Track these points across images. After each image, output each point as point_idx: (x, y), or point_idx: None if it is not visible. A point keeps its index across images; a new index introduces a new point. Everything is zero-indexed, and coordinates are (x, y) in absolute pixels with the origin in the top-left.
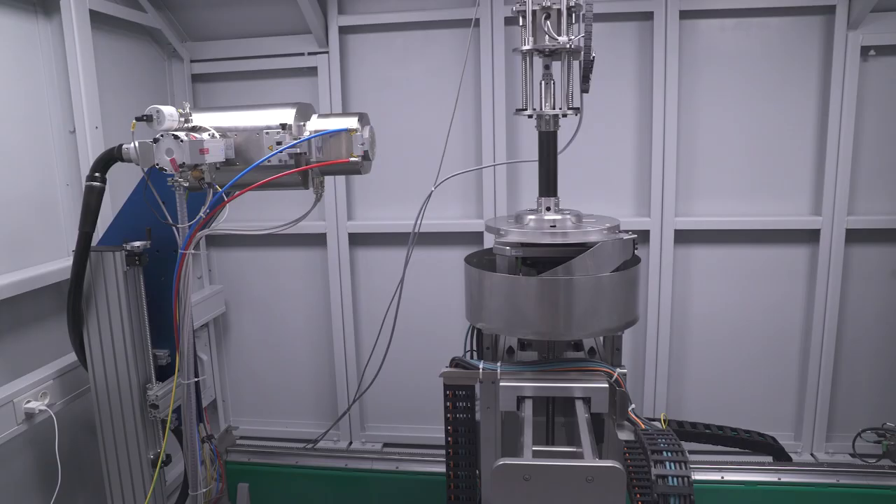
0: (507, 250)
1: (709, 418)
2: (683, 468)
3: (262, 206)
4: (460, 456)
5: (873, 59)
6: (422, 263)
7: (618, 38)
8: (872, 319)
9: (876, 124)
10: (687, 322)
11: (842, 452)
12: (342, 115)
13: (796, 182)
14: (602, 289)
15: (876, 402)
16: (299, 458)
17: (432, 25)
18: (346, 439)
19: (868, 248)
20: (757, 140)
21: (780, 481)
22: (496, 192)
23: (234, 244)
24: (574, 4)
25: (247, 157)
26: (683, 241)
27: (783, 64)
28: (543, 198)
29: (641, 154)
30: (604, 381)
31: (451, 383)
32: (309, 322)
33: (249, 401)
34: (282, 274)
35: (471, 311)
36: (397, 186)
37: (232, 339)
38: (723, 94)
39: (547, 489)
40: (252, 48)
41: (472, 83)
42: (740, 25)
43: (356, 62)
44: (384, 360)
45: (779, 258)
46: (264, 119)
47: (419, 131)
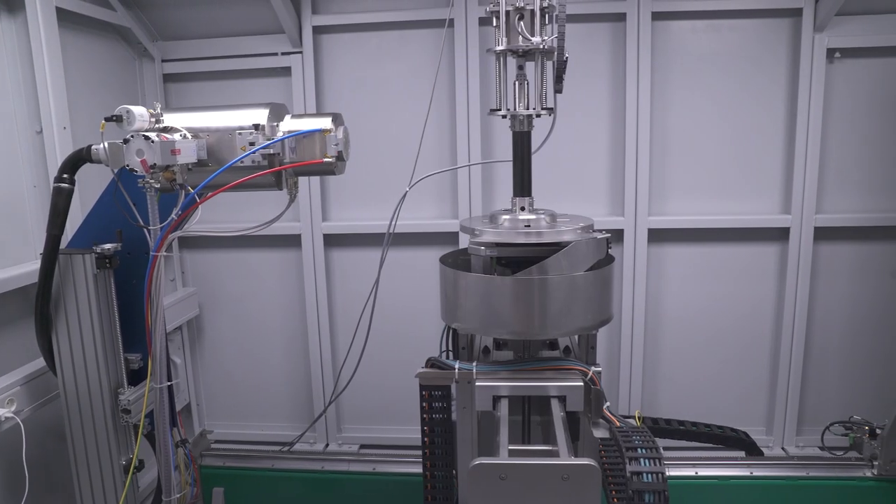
0: (482, 250)
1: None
2: (658, 464)
3: (235, 207)
4: (437, 456)
5: (839, 62)
6: (397, 264)
7: (591, 39)
8: (840, 315)
9: (842, 125)
10: (660, 320)
11: (811, 446)
12: (316, 115)
13: (766, 181)
14: (576, 288)
15: (843, 396)
16: (275, 461)
17: (407, 26)
18: (322, 441)
19: (836, 246)
20: (728, 140)
21: (752, 475)
22: (471, 193)
23: (207, 246)
24: (547, 5)
25: (219, 157)
26: (657, 239)
27: (753, 65)
28: (518, 198)
29: (615, 154)
30: (579, 380)
31: (427, 384)
32: (284, 324)
33: (224, 404)
34: (256, 276)
35: (446, 312)
36: (372, 187)
37: (206, 341)
38: (695, 94)
39: (523, 488)
40: (224, 48)
41: (446, 83)
42: (711, 27)
43: (330, 62)
44: (360, 361)
45: (750, 256)
46: (237, 119)
47: (394, 131)
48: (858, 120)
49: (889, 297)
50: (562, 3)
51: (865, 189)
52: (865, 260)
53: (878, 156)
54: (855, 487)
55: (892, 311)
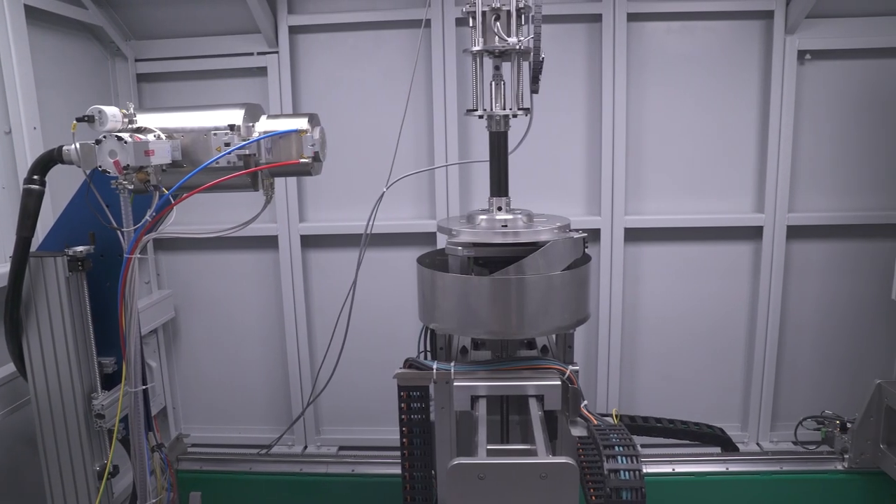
0: (459, 250)
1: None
2: (635, 462)
3: (211, 208)
4: (416, 457)
5: (809, 63)
6: (375, 265)
7: (567, 40)
8: (812, 312)
9: (813, 125)
10: (637, 318)
11: (785, 441)
12: (292, 115)
13: (740, 181)
14: (553, 287)
15: (816, 391)
16: (253, 464)
17: (383, 26)
18: (300, 444)
19: (808, 244)
20: (702, 140)
21: (728, 471)
22: (448, 193)
23: (182, 248)
24: (523, 6)
25: (194, 158)
26: (633, 239)
27: (727, 66)
28: (495, 198)
29: (592, 154)
30: (556, 379)
31: (405, 384)
32: (261, 326)
33: (201, 407)
34: (233, 277)
35: (424, 312)
36: (349, 188)
37: (182, 344)
38: (670, 95)
39: (502, 487)
40: (199, 47)
41: (423, 84)
42: (685, 28)
43: (307, 62)
44: (338, 362)
45: (724, 254)
46: (212, 120)
47: (371, 132)
48: (829, 120)
49: (859, 294)
50: (537, 4)
51: (836, 188)
52: (836, 258)
53: (847, 156)
54: (827, 480)
55: (861, 307)
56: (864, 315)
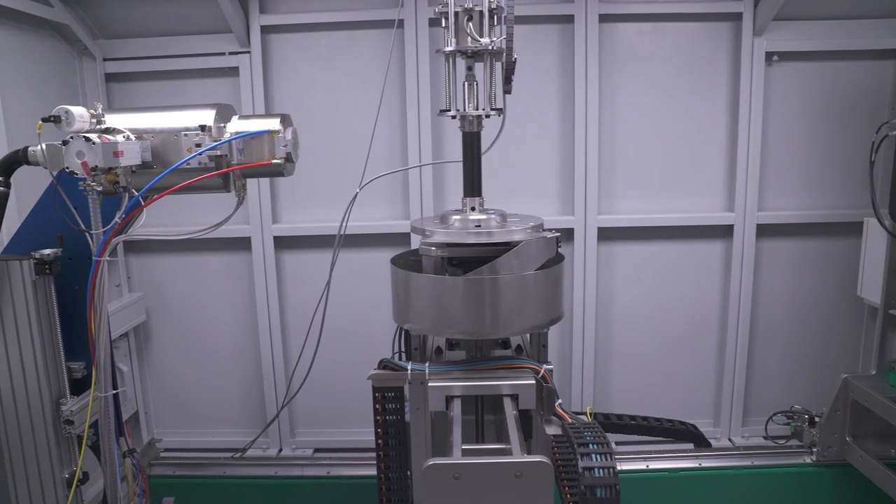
0: (433, 251)
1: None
2: (608, 459)
3: (182, 209)
4: (391, 458)
5: (777, 64)
6: (349, 266)
7: (540, 41)
8: (781, 309)
9: (781, 125)
10: (611, 317)
11: (756, 436)
12: (264, 116)
13: (711, 180)
14: (527, 287)
15: (785, 386)
16: (227, 468)
17: (356, 26)
18: (275, 446)
19: (777, 242)
20: (674, 140)
21: (700, 466)
22: (422, 193)
23: (153, 250)
24: (495, 7)
25: (164, 159)
26: (606, 238)
27: (697, 67)
28: (468, 198)
29: (565, 154)
30: (530, 378)
31: (380, 385)
32: (234, 328)
33: (174, 411)
34: (205, 279)
35: (398, 313)
36: (323, 188)
37: (154, 348)
38: (641, 95)
39: (477, 487)
40: (170, 47)
41: (397, 84)
42: (656, 29)
43: (279, 62)
44: (312, 364)
45: (696, 253)
46: (182, 120)
47: (344, 132)
48: (796, 121)
49: (825, 290)
50: (510, 5)
51: (803, 188)
52: (804, 255)
53: (814, 156)
54: (796, 474)
55: (828, 303)
56: (831, 311)
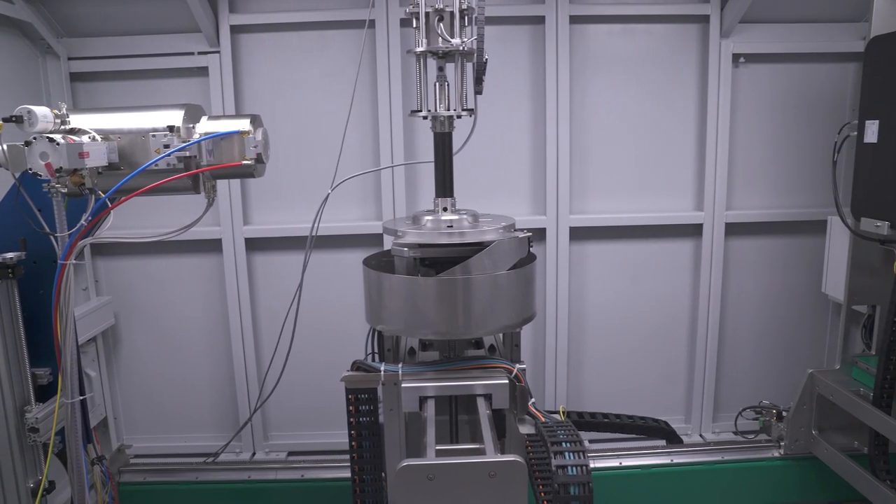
0: (405, 251)
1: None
2: (581, 457)
3: (151, 211)
4: (365, 460)
5: (743, 66)
6: (321, 267)
7: (511, 41)
8: (749, 306)
9: (748, 126)
10: (583, 316)
11: (727, 431)
12: (234, 116)
13: (680, 180)
14: (499, 287)
15: (754, 382)
16: (199, 472)
17: (328, 26)
18: (248, 450)
19: (745, 241)
20: (644, 140)
21: (672, 462)
22: (395, 194)
23: (122, 253)
24: (466, 7)
25: (132, 160)
26: (578, 237)
27: (666, 68)
28: (440, 198)
29: (536, 154)
30: (504, 378)
31: (353, 387)
32: (206, 331)
33: (144, 417)
34: (175, 282)
35: (370, 314)
36: (295, 189)
37: (123, 352)
38: (612, 96)
39: (451, 487)
40: (137, 46)
41: (368, 84)
42: (626, 31)
43: (249, 62)
44: (285, 366)
45: (666, 251)
46: (150, 121)
47: (316, 133)
48: (762, 122)
49: (792, 287)
50: (480, 6)
51: (770, 187)
52: (771, 253)
53: (780, 156)
54: (765, 468)
55: (794, 300)
56: (797, 307)
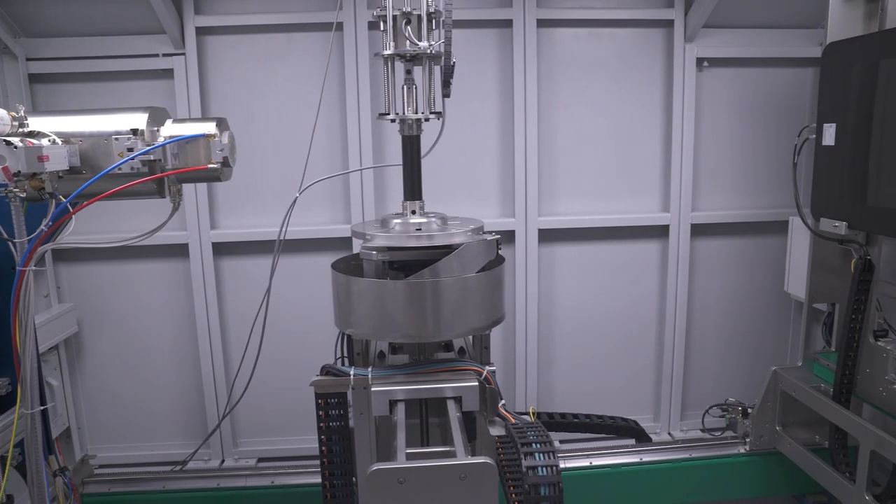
0: (374, 255)
1: (577, 407)
2: (551, 458)
3: (116, 216)
4: (336, 465)
5: (707, 70)
6: (290, 271)
7: (479, 45)
8: (715, 305)
9: (712, 129)
10: (553, 317)
11: (694, 429)
12: (200, 120)
13: (647, 182)
14: (468, 289)
15: (720, 380)
16: (166, 481)
17: (295, 28)
18: (217, 457)
19: (710, 241)
20: (611, 143)
21: (642, 461)
22: (363, 197)
23: (85, 258)
24: (434, 10)
25: (94, 164)
26: (547, 239)
27: (632, 72)
28: (408, 201)
29: (505, 157)
30: (473, 380)
31: (323, 391)
32: (173, 337)
33: (109, 426)
34: (141, 288)
35: (339, 318)
36: (262, 193)
37: (87, 360)
38: (579, 99)
39: (422, 490)
40: (99, 47)
41: (336, 87)
42: (593, 35)
43: (216, 65)
44: (253, 372)
45: (634, 252)
46: (113, 124)
47: (284, 136)
48: (726, 125)
49: (756, 286)
50: (448, 9)
51: (733, 188)
52: (735, 253)
53: (743, 158)
54: (731, 464)
55: (758, 299)
56: (761, 306)
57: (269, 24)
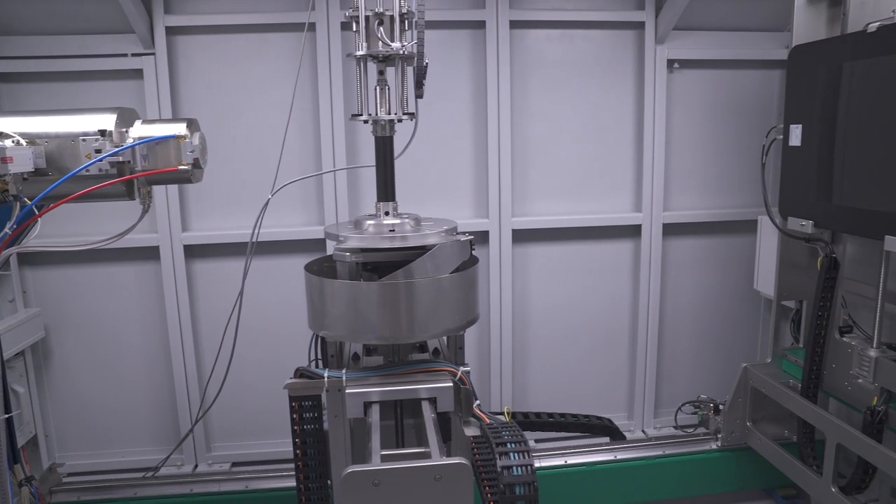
0: (347, 256)
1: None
2: (526, 457)
3: (84, 218)
4: (310, 468)
5: (678, 71)
6: (263, 273)
7: (452, 46)
8: (687, 304)
9: (683, 130)
10: (527, 317)
11: (667, 426)
12: (170, 120)
13: (619, 182)
14: (442, 290)
15: (693, 376)
16: (138, 488)
17: (267, 28)
18: (190, 463)
19: (681, 241)
20: (584, 143)
21: (616, 459)
22: (337, 198)
23: (53, 262)
24: (406, 11)
25: (61, 166)
26: (520, 240)
27: (604, 73)
28: (382, 202)
29: (478, 157)
30: (448, 381)
31: (297, 394)
32: (144, 342)
33: (78, 433)
34: (110, 292)
35: (313, 320)
36: (235, 195)
37: (55, 366)
38: (552, 100)
39: (397, 492)
40: (66, 46)
41: (309, 88)
42: (565, 36)
43: (186, 65)
44: (226, 375)
45: (607, 252)
46: (80, 125)
47: (256, 137)
48: (697, 125)
49: (727, 285)
50: (421, 10)
51: (704, 188)
52: (706, 252)
53: (714, 158)
54: (703, 460)
55: (729, 297)
56: (732, 304)
57: (240, 24)
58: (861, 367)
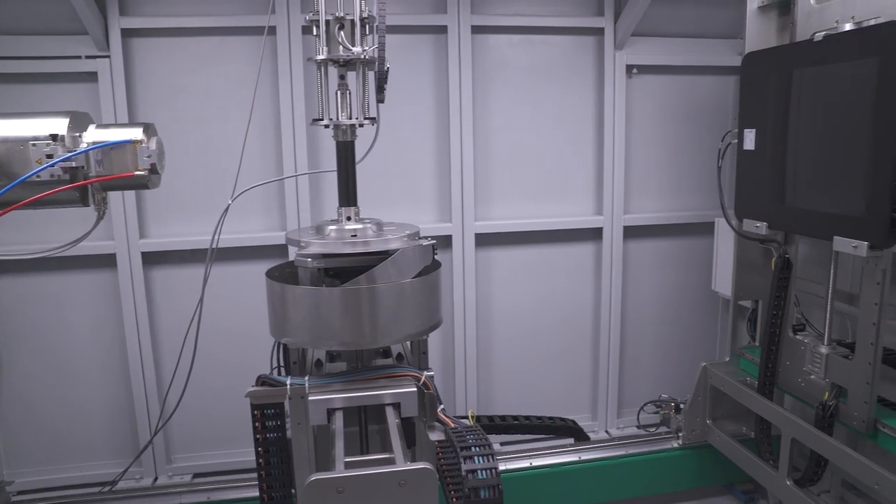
0: (309, 262)
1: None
2: (490, 461)
3: (36, 226)
4: (274, 476)
5: (636, 77)
6: (223, 280)
7: (414, 51)
8: (648, 305)
9: (642, 134)
10: (491, 320)
11: (630, 426)
12: (126, 125)
13: (581, 186)
14: (405, 295)
15: (654, 376)
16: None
17: (227, 32)
18: (150, 475)
19: (642, 243)
20: (545, 147)
21: (581, 459)
22: (299, 204)
23: (3, 271)
24: (367, 16)
25: (9, 171)
26: (483, 244)
27: (565, 78)
28: (344, 208)
29: (441, 162)
30: (412, 386)
31: (259, 402)
32: (100, 351)
33: (31, 448)
34: (65, 301)
35: (275, 327)
36: (194, 200)
37: (5, 379)
38: (514, 105)
39: (361, 499)
40: (16, 47)
41: (270, 92)
42: (526, 41)
43: (143, 68)
44: (186, 384)
45: (569, 255)
46: (30, 129)
47: (216, 142)
48: (655, 130)
49: (686, 285)
50: (381, 14)
51: (663, 191)
52: (666, 254)
53: (671, 161)
54: (665, 458)
55: (688, 298)
56: (691, 304)
57: (199, 27)
58: (813, 363)
